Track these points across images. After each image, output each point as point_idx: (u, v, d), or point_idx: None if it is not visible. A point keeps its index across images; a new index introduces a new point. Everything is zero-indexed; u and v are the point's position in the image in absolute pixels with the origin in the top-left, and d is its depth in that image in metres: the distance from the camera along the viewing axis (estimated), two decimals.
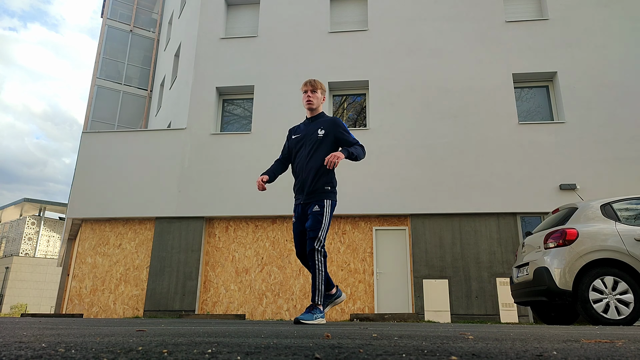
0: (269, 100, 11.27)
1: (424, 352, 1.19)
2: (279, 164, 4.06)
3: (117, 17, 19.36)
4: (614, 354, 1.20)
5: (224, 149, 11.00)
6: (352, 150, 3.69)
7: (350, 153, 3.66)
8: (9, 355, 1.02)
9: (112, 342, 1.39)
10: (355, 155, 3.68)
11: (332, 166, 3.49)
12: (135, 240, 10.80)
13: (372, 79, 11.16)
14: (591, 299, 4.71)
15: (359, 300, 9.79)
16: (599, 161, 9.87)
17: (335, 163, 3.49)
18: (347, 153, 3.65)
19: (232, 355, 1.06)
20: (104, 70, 18.29)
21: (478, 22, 11.27)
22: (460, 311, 9.34)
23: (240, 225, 10.67)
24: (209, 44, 11.99)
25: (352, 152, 3.67)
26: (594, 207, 5.19)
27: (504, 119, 10.46)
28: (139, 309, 10.26)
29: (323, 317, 3.60)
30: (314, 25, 11.80)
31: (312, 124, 3.89)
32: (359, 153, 3.72)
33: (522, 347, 1.35)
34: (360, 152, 3.75)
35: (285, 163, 4.09)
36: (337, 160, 3.49)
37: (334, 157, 3.49)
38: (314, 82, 3.89)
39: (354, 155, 3.68)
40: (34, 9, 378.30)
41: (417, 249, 9.86)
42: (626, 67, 10.47)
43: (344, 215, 10.18)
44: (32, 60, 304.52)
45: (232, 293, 10.19)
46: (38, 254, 28.01)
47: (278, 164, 4.06)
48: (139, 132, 12.95)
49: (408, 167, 10.33)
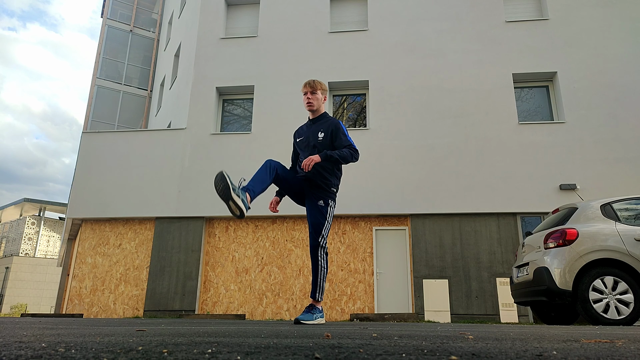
0: (269, 100, 11.27)
1: (424, 352, 1.19)
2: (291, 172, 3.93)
3: (117, 17, 19.35)
4: (614, 354, 1.20)
5: (224, 149, 11.00)
6: (332, 152, 3.55)
7: (328, 155, 3.53)
8: (9, 355, 1.02)
9: (112, 342, 1.39)
10: (336, 157, 3.54)
11: (308, 169, 3.45)
12: (135, 240, 10.80)
13: (372, 79, 11.16)
14: (591, 299, 4.71)
15: (359, 300, 9.79)
16: (599, 161, 9.86)
17: (309, 165, 3.44)
18: (325, 155, 3.52)
19: (232, 355, 1.06)
20: (104, 70, 18.28)
21: (478, 22, 11.27)
22: (460, 311, 9.34)
23: (240, 225, 10.67)
24: (209, 44, 11.99)
25: (331, 154, 3.53)
26: (594, 207, 5.19)
27: (504, 119, 10.46)
28: (139, 309, 10.26)
29: (323, 317, 3.62)
30: (314, 25, 11.80)
31: (313, 126, 3.83)
32: (343, 155, 3.57)
33: (522, 347, 1.35)
34: (347, 155, 3.58)
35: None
36: (312, 162, 3.44)
37: (309, 161, 3.45)
38: (314, 83, 3.81)
39: (335, 157, 3.54)
40: (33, 8, 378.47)
41: (417, 249, 9.86)
42: (626, 67, 10.47)
43: (344, 215, 10.18)
44: (31, 60, 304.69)
45: (232, 293, 10.19)
46: (38, 254, 28.00)
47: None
48: (139, 132, 12.95)
49: (408, 167, 10.33)
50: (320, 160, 3.50)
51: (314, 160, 3.47)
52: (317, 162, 3.49)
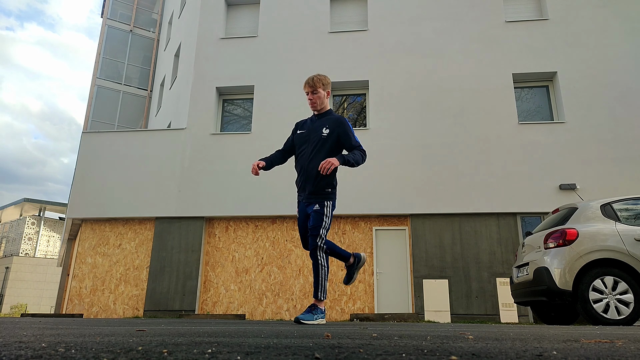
0: (269, 100, 11.27)
1: (424, 352, 1.19)
2: (279, 154, 4.02)
3: (117, 17, 19.35)
4: (614, 354, 1.20)
5: (224, 149, 11.00)
6: (349, 156, 3.64)
7: (346, 160, 3.61)
8: (9, 355, 1.02)
9: (112, 342, 1.39)
10: (352, 162, 3.63)
11: (326, 172, 3.48)
12: (135, 240, 10.80)
13: (372, 79, 11.16)
14: (591, 299, 4.71)
15: (359, 300, 9.79)
16: (599, 161, 9.86)
17: (329, 169, 3.47)
18: (343, 160, 3.60)
19: (232, 355, 1.06)
20: (104, 70, 18.28)
21: (478, 22, 11.27)
22: (460, 311, 9.34)
23: (240, 225, 10.67)
24: (209, 44, 11.99)
25: (348, 158, 3.62)
26: (594, 207, 5.19)
27: (504, 119, 10.46)
28: (139, 309, 10.26)
29: (323, 317, 3.61)
30: (314, 25, 11.80)
31: (318, 121, 3.85)
32: (357, 159, 3.66)
33: (522, 347, 1.35)
34: (359, 158, 3.68)
35: (284, 155, 4.04)
36: (332, 166, 3.47)
37: (328, 164, 3.47)
38: (312, 81, 3.79)
39: (351, 161, 3.62)
40: (30, 8, 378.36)
41: (417, 249, 9.86)
42: (626, 67, 10.47)
43: (344, 215, 10.18)
44: (29, 60, 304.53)
45: (232, 293, 10.19)
46: (38, 254, 28.00)
47: (278, 154, 4.02)
48: (139, 132, 12.95)
49: (408, 167, 10.33)
50: (339, 164, 3.55)
51: (333, 164, 3.49)
52: (337, 165, 3.53)
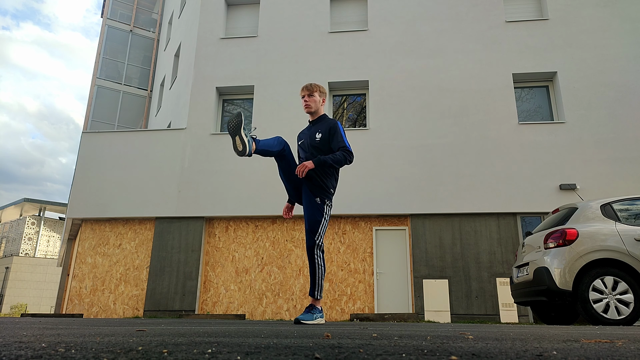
0: (269, 100, 11.27)
1: (424, 352, 1.19)
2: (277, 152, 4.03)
3: (117, 17, 19.35)
4: (614, 354, 1.20)
5: (224, 149, 11.00)
6: (328, 157, 3.60)
7: (322, 160, 3.57)
8: (9, 355, 1.02)
9: (112, 342, 1.39)
10: (330, 162, 3.59)
11: (302, 175, 3.51)
12: (135, 240, 10.80)
13: (372, 79, 11.16)
14: (591, 299, 4.71)
15: (359, 300, 9.79)
16: (599, 161, 9.87)
17: (303, 172, 3.51)
18: (319, 161, 3.58)
19: (232, 355, 1.06)
20: (104, 70, 18.28)
21: (478, 22, 11.27)
22: (460, 311, 9.34)
23: (240, 225, 10.67)
24: (209, 44, 11.99)
25: (325, 159, 3.58)
26: (594, 207, 5.19)
27: (504, 119, 10.46)
28: (139, 309, 10.26)
29: (323, 317, 3.63)
30: (314, 25, 11.80)
31: (313, 128, 3.89)
32: (338, 159, 3.61)
33: (522, 347, 1.35)
34: (341, 158, 3.62)
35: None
36: (305, 169, 3.51)
37: (303, 167, 3.51)
38: (310, 85, 3.88)
39: (329, 162, 3.58)
40: (26, 7, 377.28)
41: (417, 249, 9.86)
42: (626, 67, 10.47)
43: (344, 215, 10.18)
44: (25, 59, 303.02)
45: (232, 293, 10.19)
46: (38, 254, 27.99)
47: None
48: (139, 132, 12.94)
49: (408, 167, 10.33)
50: (314, 166, 3.56)
51: (307, 166, 3.53)
52: (311, 168, 3.55)
